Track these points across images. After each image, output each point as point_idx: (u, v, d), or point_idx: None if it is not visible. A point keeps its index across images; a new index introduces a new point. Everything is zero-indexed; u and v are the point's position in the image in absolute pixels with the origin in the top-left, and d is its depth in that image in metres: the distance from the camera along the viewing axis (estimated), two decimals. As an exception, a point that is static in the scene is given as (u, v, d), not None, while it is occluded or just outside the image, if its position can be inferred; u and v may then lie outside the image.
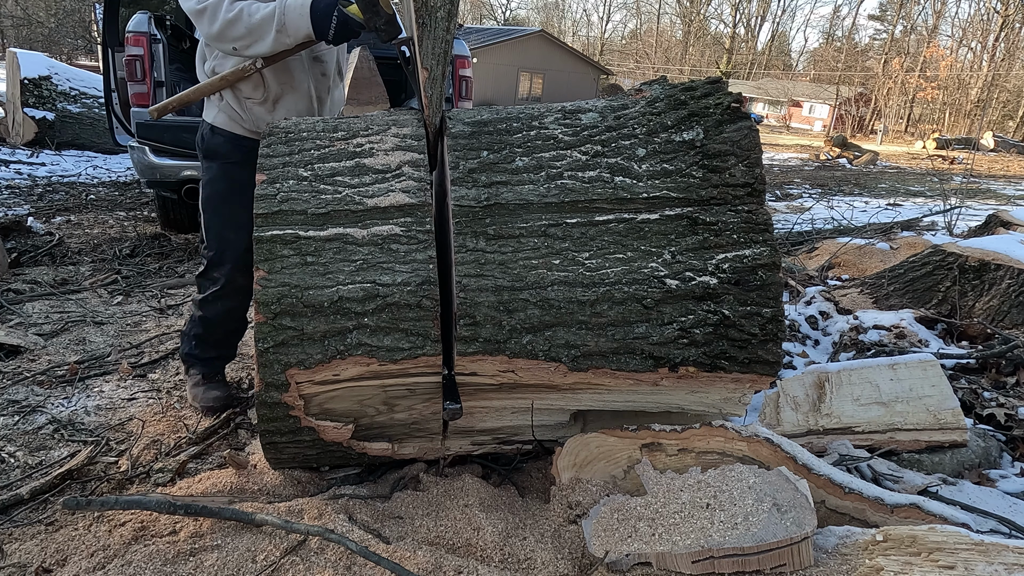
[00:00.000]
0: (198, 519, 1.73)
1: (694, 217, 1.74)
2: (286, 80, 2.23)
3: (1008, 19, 37.86)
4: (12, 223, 4.67)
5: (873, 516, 1.67)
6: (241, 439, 2.32)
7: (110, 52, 4.88)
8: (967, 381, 2.82)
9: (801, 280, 4.21)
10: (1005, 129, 37.41)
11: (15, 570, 1.62)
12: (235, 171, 2.26)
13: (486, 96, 26.31)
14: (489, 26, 43.78)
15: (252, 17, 1.99)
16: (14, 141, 8.55)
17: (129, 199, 6.34)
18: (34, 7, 29.50)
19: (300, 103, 2.29)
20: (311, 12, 1.98)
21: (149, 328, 3.23)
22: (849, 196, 10.28)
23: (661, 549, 1.52)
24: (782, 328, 1.72)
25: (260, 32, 2.01)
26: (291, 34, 2.01)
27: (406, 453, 1.93)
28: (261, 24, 2.00)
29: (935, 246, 3.77)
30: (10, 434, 2.23)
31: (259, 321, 1.63)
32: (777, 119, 44.25)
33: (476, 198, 1.73)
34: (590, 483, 1.79)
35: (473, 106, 3.19)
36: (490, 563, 1.61)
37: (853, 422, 2.26)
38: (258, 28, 2.00)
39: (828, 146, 19.89)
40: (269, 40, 2.02)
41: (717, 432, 1.75)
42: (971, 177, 13.94)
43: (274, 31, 2.00)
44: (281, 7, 2.00)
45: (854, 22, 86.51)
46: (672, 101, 1.87)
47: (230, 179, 2.27)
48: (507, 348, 1.66)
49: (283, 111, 2.25)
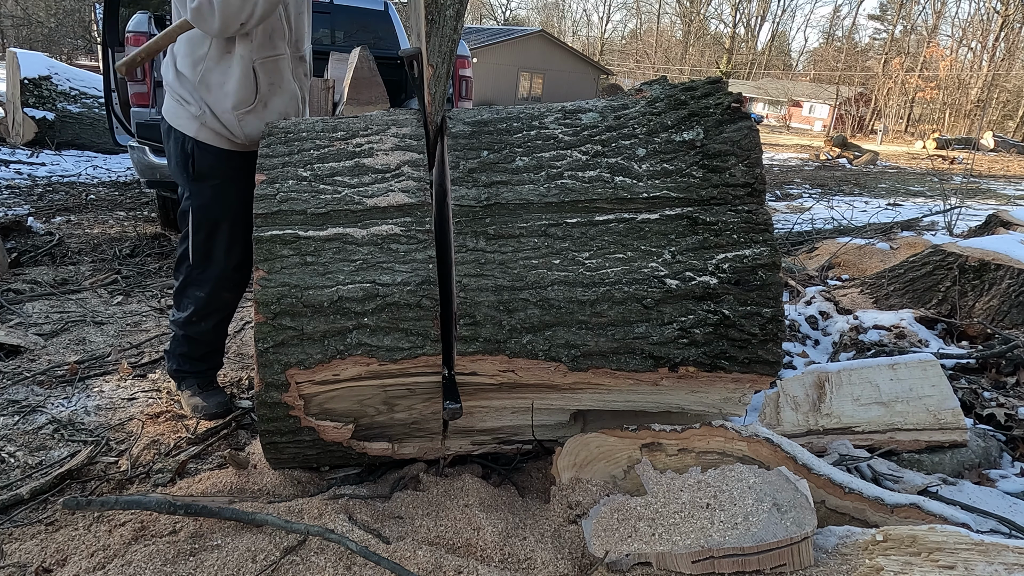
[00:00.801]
0: (198, 519, 1.73)
1: (694, 217, 1.74)
2: (275, 80, 2.17)
3: (1008, 19, 37.86)
4: (12, 223, 4.67)
5: (873, 516, 1.67)
6: (241, 439, 2.32)
7: (110, 52, 4.89)
8: (967, 381, 2.82)
9: (801, 280, 4.21)
10: (1005, 129, 37.41)
11: (15, 570, 1.62)
12: (228, 190, 2.19)
13: (486, 96, 26.32)
14: (489, 26, 43.79)
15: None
16: (14, 141, 8.55)
17: (129, 199, 6.34)
18: (34, 7, 29.50)
19: (289, 105, 2.24)
20: None
21: (149, 328, 3.23)
22: (849, 196, 10.28)
23: (661, 549, 1.52)
24: (782, 328, 1.72)
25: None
26: None
27: (406, 453, 1.93)
28: None
29: (935, 246, 3.77)
30: (10, 434, 2.23)
31: (259, 321, 1.63)
32: (777, 119, 44.26)
33: (476, 198, 1.73)
34: (590, 483, 1.79)
35: (473, 106, 3.20)
36: (490, 563, 1.61)
37: (853, 422, 2.26)
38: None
39: (828, 146, 19.90)
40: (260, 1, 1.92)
41: (717, 432, 1.75)
42: (971, 177, 13.94)
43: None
44: None
45: (854, 22, 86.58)
46: (672, 101, 1.87)
47: (224, 200, 2.19)
48: (507, 348, 1.66)
49: (274, 114, 2.18)
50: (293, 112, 2.26)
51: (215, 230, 2.22)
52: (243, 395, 2.61)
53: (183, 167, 2.20)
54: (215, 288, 2.27)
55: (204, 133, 2.15)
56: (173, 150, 2.21)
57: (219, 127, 2.13)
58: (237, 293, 2.37)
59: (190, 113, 2.14)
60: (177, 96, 2.15)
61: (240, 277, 2.33)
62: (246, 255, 2.31)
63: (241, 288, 2.37)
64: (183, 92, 2.13)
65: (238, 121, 2.12)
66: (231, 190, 2.19)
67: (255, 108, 2.14)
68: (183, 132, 2.16)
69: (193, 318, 2.31)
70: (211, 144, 2.16)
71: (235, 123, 2.13)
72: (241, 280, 2.34)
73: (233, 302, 2.38)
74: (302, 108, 2.32)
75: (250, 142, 2.16)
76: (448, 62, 1.80)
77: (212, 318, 2.33)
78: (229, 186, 2.19)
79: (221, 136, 2.16)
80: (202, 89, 2.11)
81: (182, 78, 2.13)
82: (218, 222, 2.21)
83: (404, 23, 6.42)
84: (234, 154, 2.19)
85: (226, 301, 2.33)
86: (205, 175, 2.19)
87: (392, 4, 5.98)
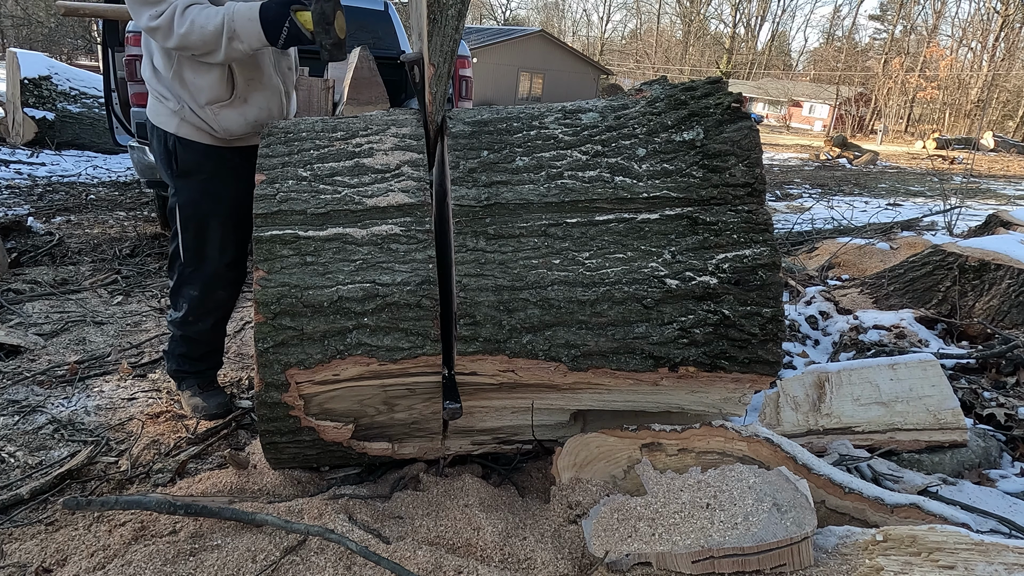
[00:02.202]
0: (198, 519, 1.73)
1: (694, 217, 1.74)
2: (254, 76, 2.13)
3: (1008, 19, 37.86)
4: (12, 223, 4.67)
5: (873, 516, 1.67)
6: (241, 439, 2.32)
7: (110, 52, 4.88)
8: (967, 381, 2.82)
9: (801, 280, 4.21)
10: (1005, 129, 37.42)
11: (15, 570, 1.62)
12: (214, 186, 2.16)
13: (486, 96, 26.32)
14: (489, 26, 43.78)
15: (205, 29, 1.91)
16: (14, 141, 8.55)
17: (129, 199, 6.34)
18: (34, 7, 29.52)
19: (271, 100, 2.19)
20: (261, 18, 1.91)
21: (149, 328, 3.23)
22: (849, 196, 10.28)
23: (661, 549, 1.52)
24: (782, 328, 1.72)
25: (214, 43, 1.93)
26: (244, 40, 1.93)
27: (406, 453, 1.93)
28: (214, 35, 1.92)
29: (935, 246, 3.77)
30: (10, 434, 2.23)
31: (259, 321, 1.63)
32: (777, 119, 44.25)
33: (476, 198, 1.73)
34: (590, 483, 1.79)
35: (473, 106, 3.19)
36: (490, 563, 1.61)
37: (853, 422, 2.26)
38: (211, 39, 1.92)
39: (828, 146, 19.90)
40: (222, 50, 1.94)
41: (717, 432, 1.75)
42: (971, 177, 13.94)
43: (225, 40, 1.92)
44: (229, 15, 1.91)
45: (854, 22, 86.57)
46: (672, 101, 1.87)
47: (210, 197, 2.17)
48: (507, 348, 1.66)
49: (254, 109, 2.15)
50: (276, 107, 2.22)
51: (204, 227, 2.19)
52: (243, 395, 2.61)
53: (167, 164, 2.19)
54: (209, 287, 2.26)
55: (184, 128, 2.13)
56: (157, 148, 2.20)
57: (198, 122, 2.11)
58: (232, 291, 2.34)
59: (169, 109, 2.12)
60: (156, 93, 2.13)
61: (235, 275, 2.31)
62: (240, 252, 2.30)
63: (237, 286, 2.35)
64: (161, 88, 2.11)
65: (214, 115, 2.10)
66: (217, 185, 2.17)
67: (233, 103, 2.11)
68: (164, 129, 2.14)
69: (189, 318, 2.30)
70: (192, 139, 2.14)
71: (212, 117, 2.10)
72: (236, 278, 2.32)
73: (229, 301, 2.36)
74: (285, 103, 2.27)
75: (230, 136, 2.14)
76: (449, 62, 1.80)
77: (209, 317, 2.32)
78: (214, 181, 2.17)
79: (202, 131, 2.13)
80: (177, 85, 2.08)
81: (159, 74, 2.11)
82: (206, 219, 2.19)
83: (404, 23, 6.42)
84: (218, 149, 2.16)
85: (221, 300, 2.32)
86: (188, 171, 2.17)
87: (392, 4, 5.98)
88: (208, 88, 2.07)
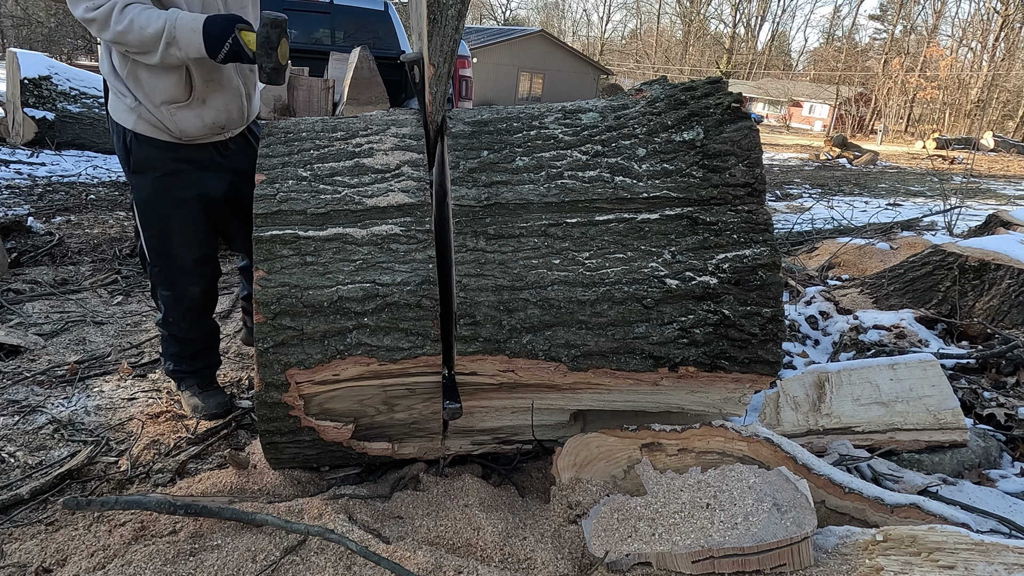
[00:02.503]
0: (198, 519, 1.73)
1: (694, 217, 1.74)
2: (213, 77, 2.10)
3: (1008, 19, 37.87)
4: (12, 223, 4.67)
5: (873, 516, 1.67)
6: (241, 439, 2.32)
7: (110, 52, 4.88)
8: (967, 381, 2.82)
9: (801, 280, 4.21)
10: (1005, 129, 37.43)
11: (15, 570, 1.62)
12: (170, 183, 2.14)
13: (486, 96, 26.31)
14: (489, 26, 43.78)
15: (144, 30, 1.89)
16: (14, 141, 8.54)
17: (129, 199, 6.33)
18: (34, 7, 29.51)
19: (231, 102, 2.16)
20: (204, 31, 1.91)
21: (149, 328, 3.23)
22: (849, 196, 10.28)
23: (661, 549, 1.52)
24: (782, 328, 1.72)
25: (151, 45, 1.91)
26: (183, 49, 1.92)
27: (406, 453, 1.93)
28: (153, 38, 1.90)
29: (935, 246, 3.77)
30: (10, 434, 2.23)
31: (259, 321, 1.63)
32: (777, 119, 44.26)
33: (476, 198, 1.73)
34: (590, 483, 1.79)
35: (473, 106, 3.19)
36: (490, 563, 1.61)
37: (853, 422, 2.26)
38: (149, 41, 1.91)
39: (828, 146, 19.90)
40: (158, 54, 1.92)
41: (717, 432, 1.75)
42: (971, 177, 13.94)
43: (163, 44, 1.91)
44: (172, 22, 1.90)
45: (854, 22, 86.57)
46: (672, 101, 1.87)
47: (167, 194, 2.15)
48: (507, 348, 1.66)
49: (212, 112, 2.12)
50: (235, 109, 2.19)
51: (165, 226, 2.17)
52: (243, 395, 2.61)
53: (124, 160, 2.18)
54: (179, 285, 2.24)
55: (141, 125, 2.10)
56: (116, 144, 2.18)
57: (154, 120, 2.09)
58: (206, 287, 2.32)
59: (127, 105, 2.09)
60: (115, 88, 2.11)
61: (207, 271, 2.29)
62: (210, 249, 2.28)
63: (211, 282, 2.32)
64: (118, 85, 2.09)
65: (171, 116, 2.07)
66: (175, 183, 2.14)
67: (191, 104, 2.09)
68: (123, 125, 2.12)
69: (169, 318, 2.29)
70: (149, 136, 2.12)
71: (168, 117, 2.08)
72: (209, 274, 2.30)
73: (204, 297, 2.32)
74: (247, 105, 2.24)
75: (186, 137, 2.12)
76: (449, 62, 1.80)
77: (187, 316, 2.30)
78: (173, 179, 2.14)
79: (158, 128, 2.11)
80: (132, 82, 2.06)
81: (116, 71, 2.09)
82: (166, 216, 2.16)
83: (404, 23, 6.42)
84: (176, 146, 2.14)
85: (195, 296, 2.28)
86: (144, 168, 2.15)
87: (392, 4, 5.98)
88: (164, 89, 2.04)
